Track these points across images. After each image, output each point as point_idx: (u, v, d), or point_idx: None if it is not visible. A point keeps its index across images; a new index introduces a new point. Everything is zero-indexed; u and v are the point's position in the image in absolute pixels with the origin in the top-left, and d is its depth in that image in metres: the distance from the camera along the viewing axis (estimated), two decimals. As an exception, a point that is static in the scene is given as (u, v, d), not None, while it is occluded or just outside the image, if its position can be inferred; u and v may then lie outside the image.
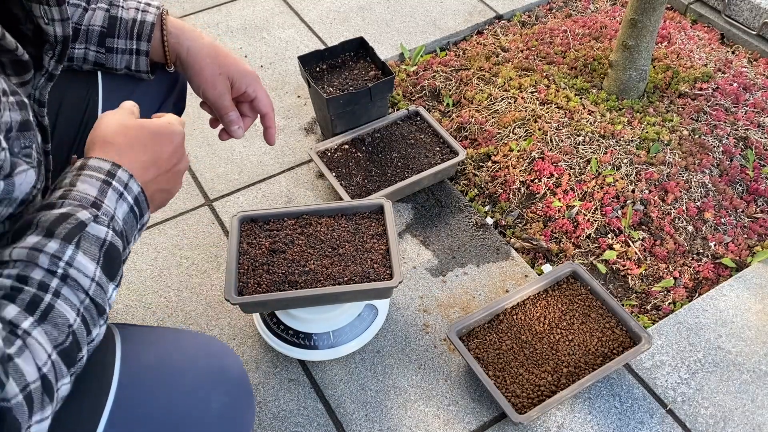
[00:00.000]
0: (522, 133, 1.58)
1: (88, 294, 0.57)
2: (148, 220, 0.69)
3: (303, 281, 1.10)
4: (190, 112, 1.70)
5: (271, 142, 1.01)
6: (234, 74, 0.93)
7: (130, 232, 0.65)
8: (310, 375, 1.20)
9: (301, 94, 1.76)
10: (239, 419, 0.73)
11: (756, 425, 1.12)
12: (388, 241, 1.16)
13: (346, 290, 1.08)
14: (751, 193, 1.49)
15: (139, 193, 0.65)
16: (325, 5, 2.04)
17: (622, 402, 1.15)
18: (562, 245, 1.39)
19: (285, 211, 1.21)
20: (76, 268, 0.57)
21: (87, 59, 0.89)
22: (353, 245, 1.16)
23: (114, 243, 0.61)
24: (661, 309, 1.30)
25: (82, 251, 0.57)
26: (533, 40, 1.85)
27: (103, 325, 0.60)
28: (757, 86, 1.70)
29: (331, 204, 1.22)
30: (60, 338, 0.54)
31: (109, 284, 0.60)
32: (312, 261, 1.13)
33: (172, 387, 0.68)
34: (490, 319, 1.22)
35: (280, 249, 1.15)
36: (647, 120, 1.59)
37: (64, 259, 0.56)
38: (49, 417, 0.53)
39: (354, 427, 1.13)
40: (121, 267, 0.63)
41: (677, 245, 1.38)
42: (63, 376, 0.54)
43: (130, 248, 0.66)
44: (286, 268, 1.12)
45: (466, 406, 1.15)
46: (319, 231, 1.19)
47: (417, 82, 1.76)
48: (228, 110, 0.94)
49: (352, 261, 1.13)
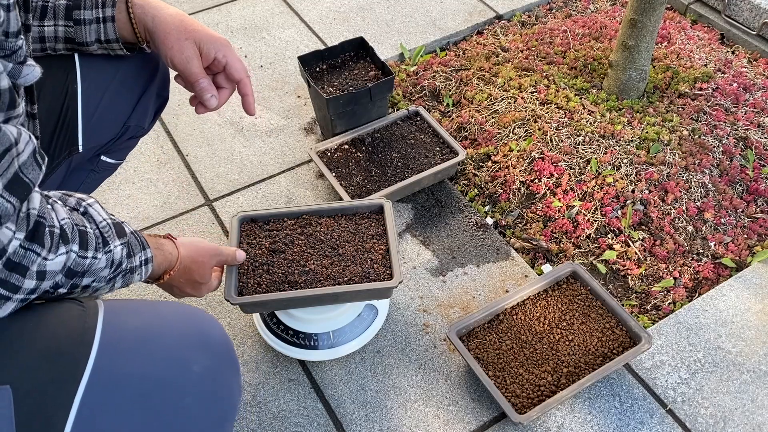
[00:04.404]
0: (522, 133, 1.58)
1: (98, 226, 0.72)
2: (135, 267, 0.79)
3: (303, 281, 1.10)
4: (190, 113, 1.71)
5: (251, 111, 0.98)
6: (201, 39, 0.91)
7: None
8: (310, 375, 1.20)
9: (301, 94, 1.76)
10: (223, 383, 0.74)
11: (756, 425, 1.12)
12: (388, 241, 1.16)
13: (346, 290, 1.08)
14: (751, 193, 1.49)
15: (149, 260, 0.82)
16: (325, 5, 2.04)
17: (622, 402, 1.15)
18: (562, 245, 1.39)
19: (285, 211, 1.21)
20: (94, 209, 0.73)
21: (57, 36, 0.88)
22: (353, 245, 1.16)
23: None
24: (661, 309, 1.30)
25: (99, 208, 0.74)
26: (533, 40, 1.85)
27: (99, 257, 0.70)
28: (757, 86, 1.70)
29: (331, 204, 1.22)
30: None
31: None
32: (312, 261, 1.13)
33: (152, 351, 0.68)
34: (490, 319, 1.22)
35: (280, 249, 1.15)
36: (647, 120, 1.59)
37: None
38: (55, 258, 0.64)
39: (354, 427, 1.13)
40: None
41: (677, 245, 1.38)
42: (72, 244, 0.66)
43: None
44: (286, 268, 1.12)
45: (466, 406, 1.15)
46: (319, 231, 1.18)
47: (417, 82, 1.76)
48: (197, 77, 0.91)
49: (352, 261, 1.13)
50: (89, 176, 1.05)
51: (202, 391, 0.71)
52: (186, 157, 1.60)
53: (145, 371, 0.67)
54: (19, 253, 0.60)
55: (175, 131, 1.66)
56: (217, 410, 0.73)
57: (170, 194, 1.52)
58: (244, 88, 0.96)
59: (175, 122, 1.69)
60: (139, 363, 0.67)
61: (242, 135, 1.64)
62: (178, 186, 1.54)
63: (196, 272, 0.94)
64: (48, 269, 0.64)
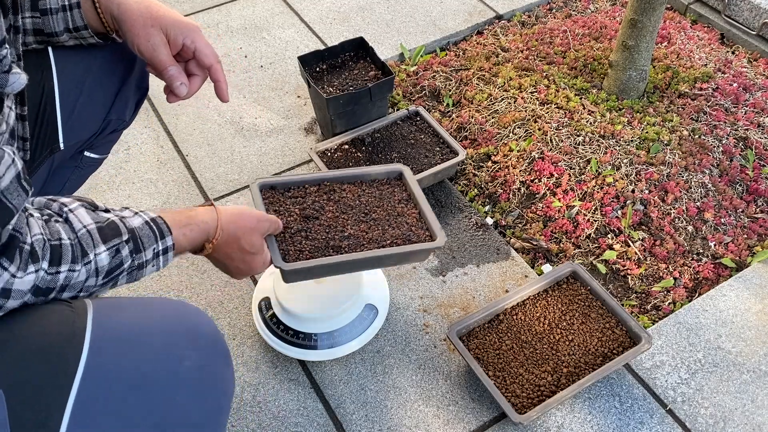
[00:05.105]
0: (522, 133, 1.58)
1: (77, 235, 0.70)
2: (168, 249, 0.81)
3: (346, 246, 1.06)
4: (190, 113, 1.71)
5: (224, 98, 0.95)
6: (168, 25, 0.88)
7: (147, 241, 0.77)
8: (310, 375, 1.20)
9: (301, 94, 1.76)
10: (216, 376, 0.73)
11: (756, 425, 1.12)
12: (418, 204, 1.15)
13: (392, 252, 1.06)
14: (751, 193, 1.49)
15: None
16: (325, 5, 2.04)
17: (622, 402, 1.15)
18: (562, 245, 1.39)
19: (305, 178, 1.16)
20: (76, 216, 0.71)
21: (26, 29, 0.87)
22: (384, 210, 1.14)
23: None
24: (661, 309, 1.30)
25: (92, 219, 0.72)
26: (533, 40, 1.85)
27: (82, 267, 0.69)
28: (757, 86, 1.70)
29: (350, 171, 1.19)
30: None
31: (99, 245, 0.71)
32: (349, 226, 1.10)
33: (143, 348, 0.68)
34: (490, 319, 1.22)
35: (313, 215, 1.11)
36: (647, 120, 1.59)
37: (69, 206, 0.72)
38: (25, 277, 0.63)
39: (354, 427, 1.13)
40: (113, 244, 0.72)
41: (677, 245, 1.38)
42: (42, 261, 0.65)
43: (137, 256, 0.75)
44: (325, 233, 1.08)
45: (466, 406, 1.15)
46: (346, 197, 1.15)
47: (417, 82, 1.76)
48: (166, 65, 0.88)
49: (389, 225, 1.11)
50: (74, 173, 1.03)
51: (195, 385, 0.71)
52: (186, 157, 1.60)
53: (137, 368, 0.67)
54: None
55: (175, 131, 1.66)
56: (211, 403, 0.73)
57: (170, 194, 1.52)
58: (215, 74, 0.93)
59: (175, 122, 1.69)
60: (131, 360, 0.67)
61: (242, 135, 1.64)
62: (178, 186, 1.53)
63: (243, 239, 0.91)
64: (14, 287, 0.62)
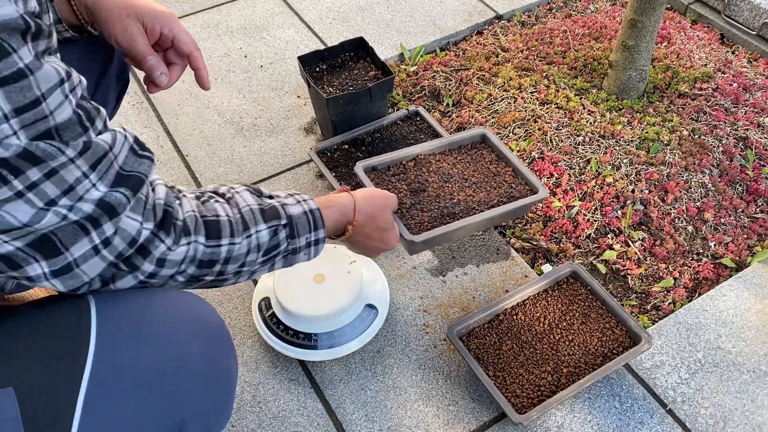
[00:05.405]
0: (522, 133, 1.58)
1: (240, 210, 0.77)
2: (320, 238, 0.85)
3: (459, 211, 1.16)
4: (191, 113, 1.71)
5: (205, 86, 0.94)
6: (144, 14, 0.86)
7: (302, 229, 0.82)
8: (310, 375, 1.20)
9: (301, 94, 1.76)
10: (221, 363, 0.74)
11: (756, 425, 1.12)
12: (510, 162, 1.25)
13: (503, 211, 1.17)
14: (751, 193, 1.49)
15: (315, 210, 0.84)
16: (325, 5, 2.04)
17: (622, 402, 1.15)
18: (562, 245, 1.39)
19: (399, 155, 1.26)
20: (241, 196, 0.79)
21: None
22: (481, 173, 1.24)
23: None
24: (661, 309, 1.30)
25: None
26: (533, 40, 1.85)
27: (241, 240, 0.75)
28: (757, 86, 1.70)
29: (437, 142, 1.28)
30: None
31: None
32: (455, 193, 1.19)
33: (149, 339, 0.69)
34: (490, 319, 1.22)
35: (420, 188, 1.20)
36: (647, 120, 1.59)
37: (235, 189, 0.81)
38: (177, 249, 0.69)
39: (354, 427, 1.13)
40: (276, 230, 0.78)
41: (677, 245, 1.38)
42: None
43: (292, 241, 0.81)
44: (438, 203, 1.18)
45: (466, 406, 1.15)
46: (443, 167, 1.25)
47: (417, 82, 1.76)
48: (144, 55, 0.86)
49: (490, 186, 1.21)
50: None
51: (203, 372, 0.71)
52: (186, 157, 1.60)
53: (144, 359, 0.67)
54: (148, 239, 0.66)
55: (175, 131, 1.66)
56: (217, 390, 0.74)
57: (170, 194, 1.51)
58: (195, 62, 0.92)
59: (175, 122, 1.69)
60: (138, 351, 0.67)
61: (242, 135, 1.65)
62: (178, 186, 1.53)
63: (379, 217, 0.97)
64: (169, 258, 0.69)
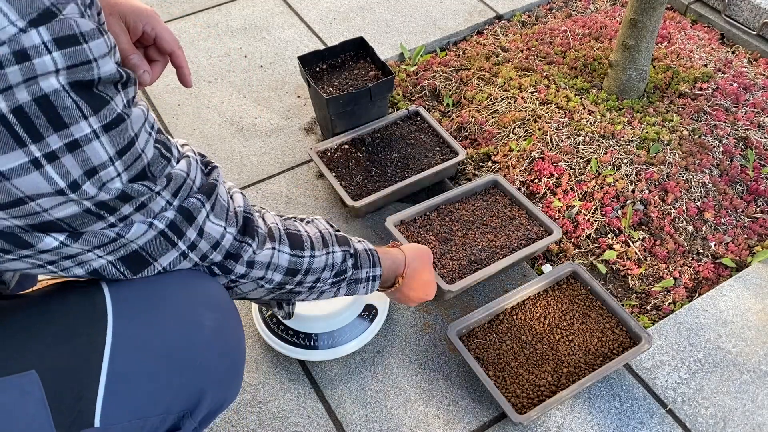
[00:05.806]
0: (522, 133, 1.58)
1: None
2: (373, 276, 0.95)
3: (485, 257, 1.26)
4: (191, 113, 1.71)
5: (188, 83, 0.94)
6: (127, 13, 0.85)
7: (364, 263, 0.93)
8: (310, 375, 1.20)
9: (301, 94, 1.76)
10: (232, 335, 0.77)
11: (756, 425, 1.12)
12: (522, 205, 1.34)
13: (524, 255, 1.25)
14: (751, 193, 1.49)
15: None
16: (325, 5, 2.04)
17: (622, 402, 1.15)
18: (562, 245, 1.39)
19: (423, 207, 1.34)
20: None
21: None
22: (497, 218, 1.33)
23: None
24: (661, 309, 1.30)
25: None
26: (533, 40, 1.85)
27: (318, 256, 0.84)
28: (757, 86, 1.70)
29: (453, 191, 1.37)
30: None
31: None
32: (479, 239, 1.29)
33: (164, 314, 0.70)
34: (490, 319, 1.22)
35: (447, 238, 1.30)
36: (647, 120, 1.59)
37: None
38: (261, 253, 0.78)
39: (354, 427, 1.13)
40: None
41: (677, 245, 1.38)
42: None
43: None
44: (464, 251, 1.27)
45: (466, 406, 1.15)
46: (463, 215, 1.34)
47: (417, 82, 1.76)
48: (127, 53, 0.86)
49: (509, 230, 1.31)
50: None
51: (217, 344, 0.74)
52: (186, 157, 1.60)
53: (161, 333, 0.69)
54: (234, 245, 0.74)
55: (175, 131, 1.66)
56: (230, 361, 0.76)
57: (170, 194, 1.51)
58: (177, 60, 0.92)
59: (175, 122, 1.69)
60: (155, 325, 0.69)
61: (242, 135, 1.64)
62: (178, 186, 1.53)
63: (424, 271, 1.06)
64: (257, 260, 0.77)
